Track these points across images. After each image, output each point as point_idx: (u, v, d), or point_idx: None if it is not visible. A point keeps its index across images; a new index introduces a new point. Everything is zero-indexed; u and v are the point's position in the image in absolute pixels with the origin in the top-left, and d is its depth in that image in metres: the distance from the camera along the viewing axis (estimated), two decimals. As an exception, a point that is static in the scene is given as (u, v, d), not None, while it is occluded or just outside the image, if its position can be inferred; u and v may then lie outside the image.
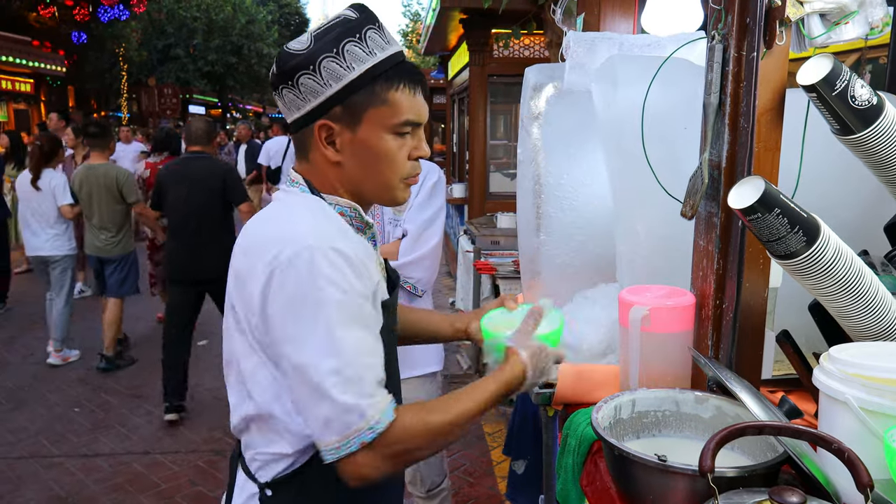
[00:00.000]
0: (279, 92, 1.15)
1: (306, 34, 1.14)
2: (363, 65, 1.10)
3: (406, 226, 2.21)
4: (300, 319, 1.04)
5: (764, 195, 1.10)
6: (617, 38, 1.78)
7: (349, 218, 1.20)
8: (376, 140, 1.14)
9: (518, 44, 6.59)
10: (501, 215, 5.61)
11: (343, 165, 1.15)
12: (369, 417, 1.04)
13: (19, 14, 14.88)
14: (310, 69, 1.09)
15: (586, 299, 1.89)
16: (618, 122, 1.64)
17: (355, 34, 1.10)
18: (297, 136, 1.18)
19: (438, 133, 17.37)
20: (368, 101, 1.11)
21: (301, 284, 1.04)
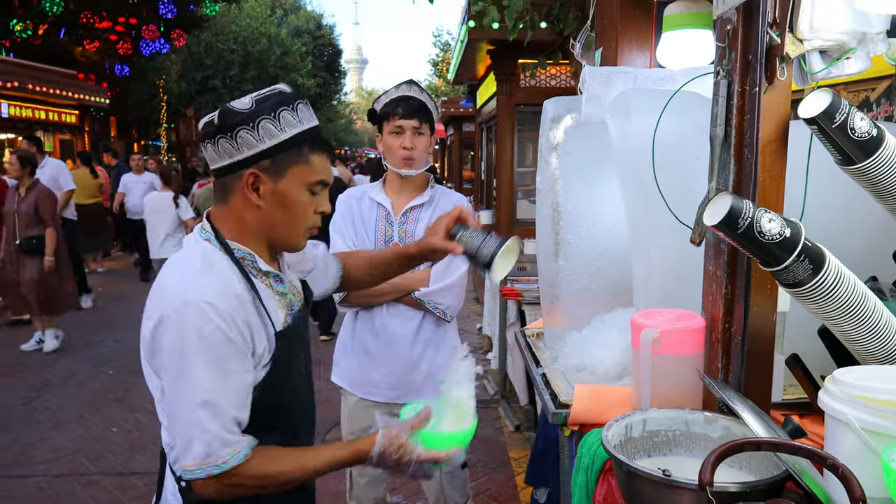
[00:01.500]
0: (214, 141, 1.33)
1: (248, 98, 1.34)
2: (294, 130, 1.33)
3: None
4: (179, 360, 1.26)
5: (732, 209, 1.16)
6: (631, 72, 1.86)
7: (249, 262, 1.38)
8: (294, 192, 1.35)
9: (544, 73, 6.71)
10: (528, 242, 5.66)
11: (261, 210, 1.35)
12: (222, 454, 1.27)
13: (66, 49, 15.55)
14: (249, 125, 1.30)
15: (604, 323, 1.94)
16: (632, 153, 1.71)
17: (289, 105, 1.33)
18: (222, 180, 1.37)
19: (468, 160, 17.57)
20: (294, 159, 1.34)
21: (177, 333, 1.26)
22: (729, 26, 1.37)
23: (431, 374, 2.29)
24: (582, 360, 1.85)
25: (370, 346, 2.34)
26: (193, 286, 1.27)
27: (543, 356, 2.08)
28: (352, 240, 2.31)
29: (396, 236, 2.30)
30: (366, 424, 2.35)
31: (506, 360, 4.96)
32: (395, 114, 2.24)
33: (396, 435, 1.37)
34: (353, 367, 2.39)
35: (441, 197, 2.36)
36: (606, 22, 2.27)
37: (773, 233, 1.17)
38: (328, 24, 36.13)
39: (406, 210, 2.32)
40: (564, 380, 1.85)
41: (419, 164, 2.28)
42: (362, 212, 2.35)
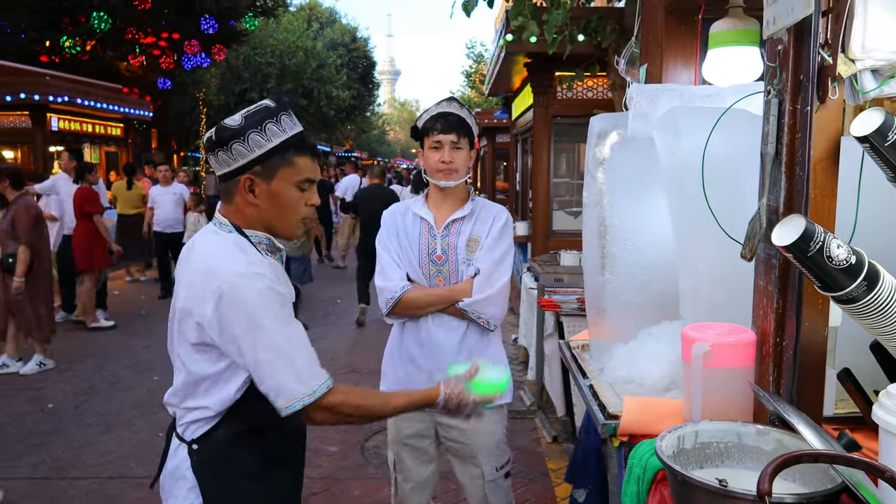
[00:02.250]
0: (215, 153, 1.57)
1: (238, 115, 1.56)
2: (278, 138, 1.55)
3: (478, 265, 2.33)
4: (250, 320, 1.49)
5: (805, 233, 1.19)
6: (678, 90, 1.89)
7: (265, 245, 1.63)
8: (284, 191, 1.59)
9: (581, 86, 6.73)
10: (565, 253, 5.67)
11: (259, 207, 1.59)
12: (312, 384, 1.52)
13: (112, 64, 16.09)
14: (241, 139, 1.53)
15: (650, 336, 1.97)
16: (680, 169, 1.74)
17: (273, 117, 1.55)
18: (225, 185, 1.61)
19: (501, 171, 17.61)
20: (281, 163, 1.57)
21: (241, 299, 1.49)
22: (780, 46, 1.40)
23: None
24: (629, 372, 1.87)
25: (416, 356, 2.40)
26: (239, 263, 1.52)
27: (590, 368, 2.11)
28: (396, 253, 2.39)
29: (439, 249, 2.37)
30: (412, 431, 2.42)
31: (542, 371, 4.97)
32: (434, 129, 2.33)
33: (455, 384, 1.70)
34: (400, 377, 2.44)
35: (482, 209, 2.41)
36: (651, 38, 2.31)
37: (840, 258, 1.19)
38: (363, 37, 36.63)
39: (448, 223, 2.38)
40: (612, 391, 1.88)
41: (457, 175, 2.34)
42: (406, 226, 2.42)
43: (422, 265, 2.37)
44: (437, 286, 2.36)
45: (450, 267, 2.35)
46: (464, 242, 2.35)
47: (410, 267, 2.38)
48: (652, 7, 2.29)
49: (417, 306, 2.33)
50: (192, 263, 1.59)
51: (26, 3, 12.87)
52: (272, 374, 1.50)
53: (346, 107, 29.94)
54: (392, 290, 2.32)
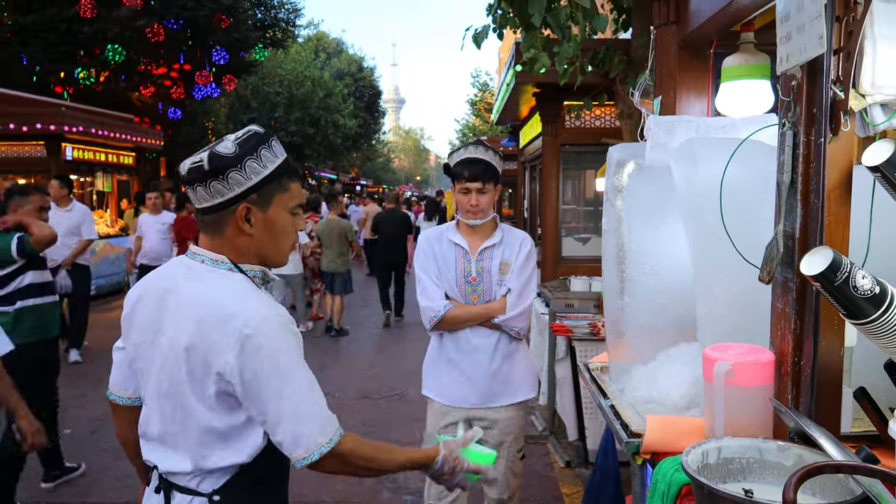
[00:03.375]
0: (206, 184, 1.48)
1: (230, 142, 1.49)
2: (273, 164, 1.52)
3: (510, 286, 2.68)
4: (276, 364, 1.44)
5: (832, 263, 1.26)
6: (694, 122, 1.98)
7: (258, 278, 1.57)
8: (280, 217, 1.55)
9: (589, 115, 6.86)
10: (575, 279, 5.74)
11: (253, 237, 1.54)
12: (328, 431, 1.48)
13: (124, 94, 16.38)
14: (237, 167, 1.47)
15: (669, 357, 2.03)
16: (697, 196, 1.82)
17: (265, 143, 1.51)
18: (213, 216, 1.52)
19: (506, 198, 17.74)
20: (277, 189, 1.53)
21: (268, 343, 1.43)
22: (794, 82, 1.49)
23: (507, 382, 2.74)
24: (650, 392, 1.93)
25: (456, 360, 2.73)
26: (259, 304, 1.47)
27: (610, 389, 2.17)
28: (435, 275, 2.73)
29: (474, 271, 2.71)
30: (448, 421, 2.75)
31: (554, 395, 5.01)
32: (463, 176, 2.64)
33: (453, 448, 1.70)
34: (441, 379, 2.78)
35: (508, 236, 2.75)
36: (665, 72, 2.41)
37: (865, 288, 1.27)
38: (369, 67, 37.19)
39: (482, 249, 2.73)
40: (634, 411, 1.94)
41: (483, 214, 2.69)
42: (442, 250, 2.76)
43: (458, 285, 2.71)
44: (472, 303, 2.71)
45: (484, 287, 2.70)
46: (496, 266, 2.70)
47: (448, 286, 2.72)
48: (665, 42, 2.40)
49: (458, 322, 2.69)
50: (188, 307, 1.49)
51: (44, 37, 13.18)
52: (295, 423, 1.45)
53: (353, 135, 30.31)
54: (436, 309, 2.67)
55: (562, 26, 4.35)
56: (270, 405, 1.45)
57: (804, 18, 1.38)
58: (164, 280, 1.57)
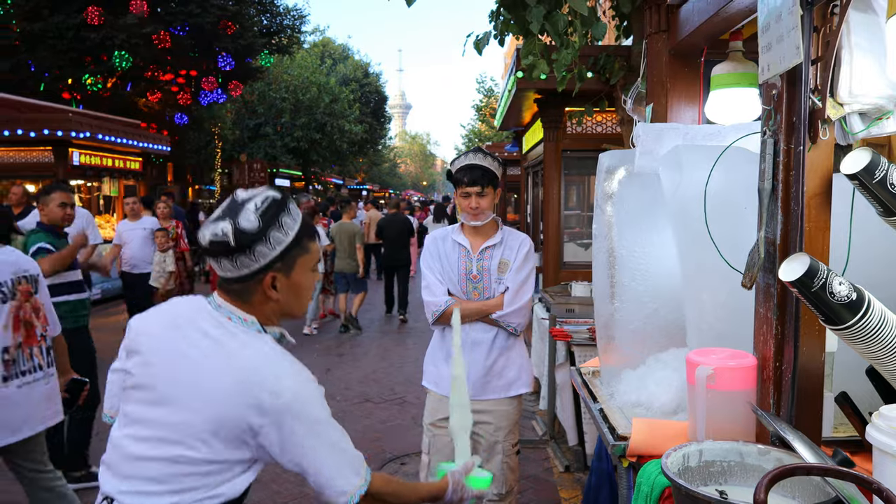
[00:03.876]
0: (232, 258, 1.50)
1: (252, 215, 1.50)
2: (293, 230, 1.54)
3: (507, 283, 2.82)
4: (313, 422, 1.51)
5: (809, 269, 1.28)
6: (682, 129, 2.00)
7: (275, 339, 1.61)
8: (304, 278, 1.60)
9: (591, 121, 6.89)
10: (576, 284, 5.76)
11: (280, 302, 1.58)
12: (362, 473, 1.56)
13: (131, 100, 16.50)
14: (262, 240, 1.49)
15: (658, 361, 2.05)
16: (684, 203, 1.84)
17: (283, 209, 1.54)
18: (241, 286, 1.55)
19: (511, 203, 17.77)
20: (299, 252, 1.57)
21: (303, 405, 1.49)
22: (774, 91, 1.51)
23: (502, 376, 2.88)
24: (638, 396, 1.96)
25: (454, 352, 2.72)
26: (294, 369, 1.53)
27: (600, 393, 2.19)
28: (439, 272, 2.90)
29: (475, 269, 2.88)
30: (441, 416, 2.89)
31: (555, 400, 5.02)
32: (463, 182, 2.79)
33: (459, 478, 1.80)
34: (440, 370, 2.93)
35: (509, 237, 2.90)
36: (656, 79, 2.44)
37: (842, 295, 1.29)
38: (374, 72, 37.31)
39: (482, 249, 2.88)
40: (622, 415, 1.96)
41: (483, 216, 2.84)
42: (446, 250, 2.94)
43: (460, 282, 2.88)
44: (473, 299, 2.87)
45: (484, 284, 2.86)
46: (495, 265, 2.86)
47: (451, 284, 2.88)
48: (656, 50, 2.42)
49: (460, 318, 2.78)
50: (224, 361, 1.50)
51: (52, 44, 13.31)
52: (337, 473, 1.52)
53: (359, 140, 30.39)
54: (437, 304, 2.84)
55: (560, 33, 4.38)
56: (309, 460, 1.51)
57: (783, 29, 1.41)
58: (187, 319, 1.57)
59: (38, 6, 13.10)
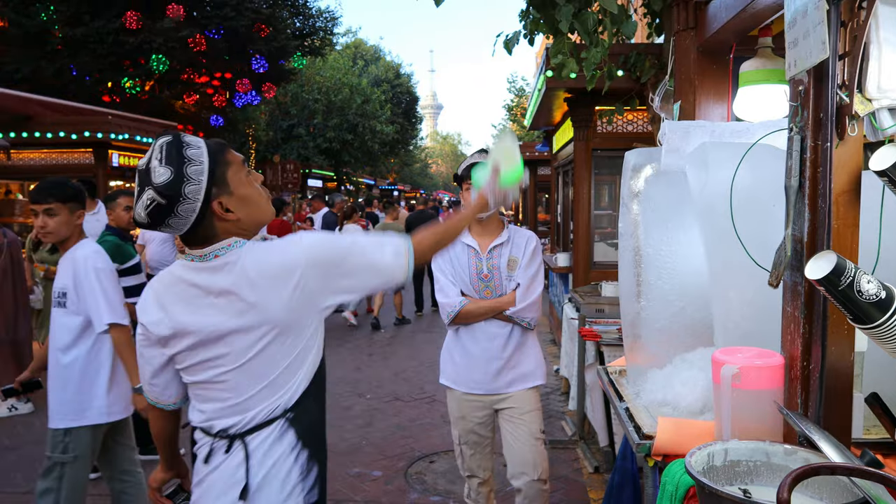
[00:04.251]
0: (174, 213, 1.56)
1: (160, 167, 1.55)
2: (203, 156, 1.58)
3: (518, 280, 2.95)
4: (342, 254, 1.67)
5: (836, 267, 1.27)
6: (708, 126, 1.99)
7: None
8: (245, 188, 1.66)
9: (621, 119, 6.82)
10: (606, 284, 5.72)
11: (240, 218, 1.64)
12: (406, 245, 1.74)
13: (167, 102, 16.85)
14: (184, 180, 1.55)
15: (684, 361, 2.04)
16: (710, 201, 1.83)
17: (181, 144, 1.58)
18: (201, 231, 1.61)
19: (542, 203, 17.69)
20: (223, 169, 1.61)
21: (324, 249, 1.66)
22: (801, 87, 1.49)
23: (517, 369, 3.00)
24: (664, 395, 1.95)
25: (471, 350, 3.01)
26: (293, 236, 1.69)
27: (626, 392, 2.18)
28: (451, 274, 3.01)
29: (485, 269, 2.98)
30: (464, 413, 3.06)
31: (584, 401, 5.00)
32: (466, 178, 2.93)
33: (491, 184, 1.94)
34: (457, 367, 3.06)
35: (515, 235, 3.02)
36: (683, 77, 2.41)
37: (870, 293, 1.28)
38: (406, 73, 37.45)
39: (491, 248, 2.99)
40: (648, 414, 1.95)
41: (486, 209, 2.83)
42: (456, 252, 3.04)
43: (472, 282, 2.99)
44: (486, 297, 2.97)
45: (495, 282, 2.98)
46: (505, 263, 2.98)
47: (463, 284, 2.99)
48: (684, 47, 2.40)
49: (473, 316, 2.97)
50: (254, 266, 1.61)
51: (92, 48, 13.66)
52: (381, 257, 1.69)
53: (390, 141, 30.54)
54: (452, 304, 2.96)
55: (589, 32, 4.35)
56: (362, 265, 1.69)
57: (809, 24, 1.39)
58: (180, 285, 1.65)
59: (79, 12, 13.46)
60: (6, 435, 5.30)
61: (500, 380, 3.00)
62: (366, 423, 5.58)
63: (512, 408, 3.03)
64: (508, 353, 2.97)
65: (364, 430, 5.44)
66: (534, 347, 3.07)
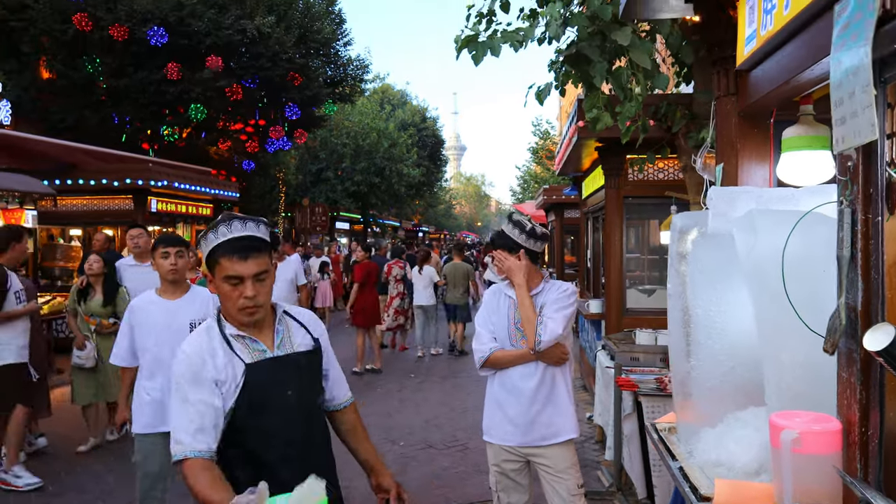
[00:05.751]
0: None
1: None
2: (210, 245, 2.02)
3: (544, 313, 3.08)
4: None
5: (895, 340, 1.32)
6: (754, 192, 2.06)
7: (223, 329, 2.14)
8: (219, 285, 2.03)
9: (652, 167, 6.91)
10: (640, 332, 5.71)
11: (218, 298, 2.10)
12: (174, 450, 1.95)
13: (202, 149, 17.38)
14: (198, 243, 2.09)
15: (737, 420, 2.07)
16: (759, 264, 1.89)
17: (211, 228, 2.04)
18: None
19: (568, 245, 17.73)
20: (212, 265, 2.03)
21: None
22: (850, 163, 1.57)
23: (550, 424, 3.10)
24: (718, 455, 1.98)
25: (502, 402, 3.16)
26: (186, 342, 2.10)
27: (678, 450, 2.21)
28: (489, 324, 3.22)
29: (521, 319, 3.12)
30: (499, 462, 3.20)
31: (621, 451, 4.97)
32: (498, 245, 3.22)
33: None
34: (492, 419, 3.21)
35: (550, 287, 3.19)
36: (725, 140, 2.50)
37: None
38: (432, 117, 38.15)
39: None
40: (702, 474, 1.98)
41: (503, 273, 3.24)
42: (499, 305, 3.27)
43: (510, 331, 3.18)
44: (521, 346, 3.13)
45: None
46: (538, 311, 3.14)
47: (502, 332, 3.18)
48: (725, 112, 2.49)
49: (500, 362, 3.16)
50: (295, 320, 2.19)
51: (134, 98, 14.24)
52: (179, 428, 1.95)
53: (417, 183, 30.97)
54: (482, 351, 3.17)
55: (623, 86, 4.48)
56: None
57: (856, 105, 1.47)
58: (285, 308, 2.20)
59: (123, 64, 14.08)
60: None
61: (532, 433, 3.11)
62: (400, 472, 5.58)
63: (548, 465, 3.12)
64: (537, 409, 3.08)
65: (399, 478, 5.45)
66: (564, 402, 3.15)
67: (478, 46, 4.29)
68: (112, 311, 6.03)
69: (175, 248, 3.87)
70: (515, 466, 3.19)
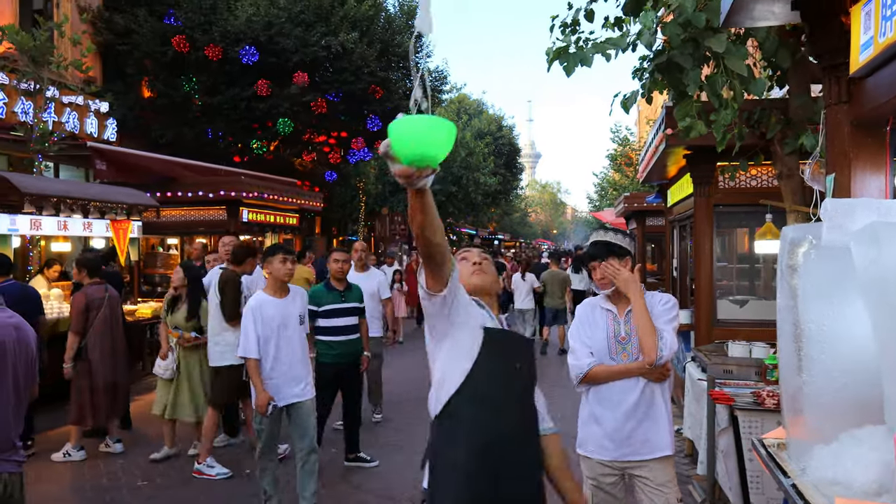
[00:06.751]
0: None
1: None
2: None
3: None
4: None
5: None
6: (874, 204, 2.00)
7: None
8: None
9: (745, 175, 6.71)
10: (733, 344, 5.54)
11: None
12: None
13: (288, 161, 18.06)
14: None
15: (853, 438, 2.01)
16: (881, 279, 1.84)
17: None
18: None
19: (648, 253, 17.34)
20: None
21: None
22: (984, 175, 1.52)
23: (646, 441, 3.06)
24: (835, 474, 1.93)
25: (598, 416, 3.13)
26: None
27: (790, 467, 2.17)
28: (585, 338, 3.16)
29: (622, 332, 3.12)
30: (595, 475, 3.17)
31: (714, 465, 4.84)
32: (597, 258, 3.17)
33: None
34: (587, 433, 3.20)
35: (650, 299, 3.10)
36: (837, 150, 2.43)
37: None
38: (507, 125, 38.15)
39: (628, 311, 3.13)
40: (817, 492, 1.94)
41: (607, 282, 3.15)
42: (595, 318, 3.22)
43: (609, 345, 3.11)
44: (622, 360, 3.08)
45: (632, 345, 3.08)
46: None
47: (599, 346, 3.12)
48: (836, 121, 2.43)
49: (599, 378, 3.11)
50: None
51: (227, 114, 14.99)
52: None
53: (493, 192, 31.03)
54: (580, 367, 3.12)
55: (718, 94, 4.39)
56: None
57: None
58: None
59: (216, 82, 14.84)
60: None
61: (629, 447, 3.08)
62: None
63: (648, 478, 3.09)
64: (633, 424, 3.05)
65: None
66: (664, 415, 3.10)
67: (569, 58, 4.32)
68: (196, 325, 6.10)
69: (291, 256, 4.74)
70: (612, 480, 3.17)
